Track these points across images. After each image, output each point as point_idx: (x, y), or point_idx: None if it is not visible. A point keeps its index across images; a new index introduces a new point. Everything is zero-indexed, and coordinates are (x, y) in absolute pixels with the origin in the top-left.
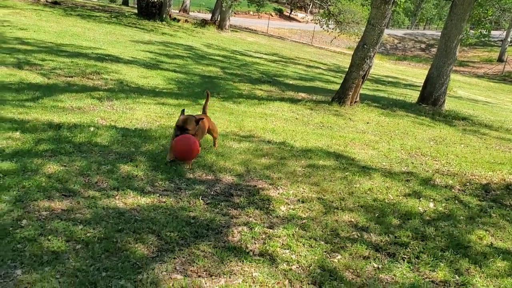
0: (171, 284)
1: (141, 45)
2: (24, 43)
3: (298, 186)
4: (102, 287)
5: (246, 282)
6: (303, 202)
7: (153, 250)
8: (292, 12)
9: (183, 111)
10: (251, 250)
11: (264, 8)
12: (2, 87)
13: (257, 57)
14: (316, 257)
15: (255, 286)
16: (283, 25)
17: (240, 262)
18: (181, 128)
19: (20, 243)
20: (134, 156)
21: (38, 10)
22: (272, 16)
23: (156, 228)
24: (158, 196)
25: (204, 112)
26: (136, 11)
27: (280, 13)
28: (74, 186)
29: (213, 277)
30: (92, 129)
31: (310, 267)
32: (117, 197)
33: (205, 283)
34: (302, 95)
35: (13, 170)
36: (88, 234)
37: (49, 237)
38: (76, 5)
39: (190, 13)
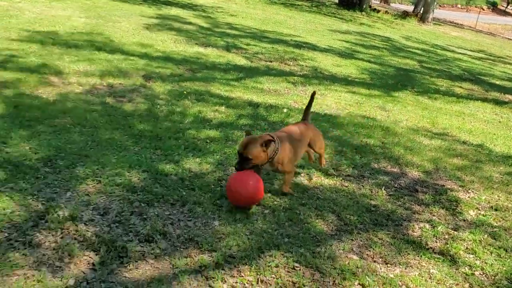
0: (346, 262)
1: (338, 34)
2: (233, 28)
3: (492, 193)
4: (284, 251)
5: (422, 277)
6: (496, 210)
7: (332, 228)
8: (508, 6)
9: (248, 132)
10: (431, 247)
11: (474, 1)
12: (213, 67)
13: (460, 53)
14: (504, 268)
15: (432, 282)
16: (496, 20)
17: (417, 256)
18: (240, 155)
19: (219, 199)
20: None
21: None
22: (483, 10)
23: (337, 209)
24: (341, 180)
25: (304, 118)
26: (336, 1)
27: (493, 6)
28: None
29: (388, 265)
30: (285, 110)
31: (496, 277)
32: (302, 175)
33: (380, 269)
34: (510, 97)
35: (218, 138)
36: (275, 203)
37: None
38: None
39: (391, 4)
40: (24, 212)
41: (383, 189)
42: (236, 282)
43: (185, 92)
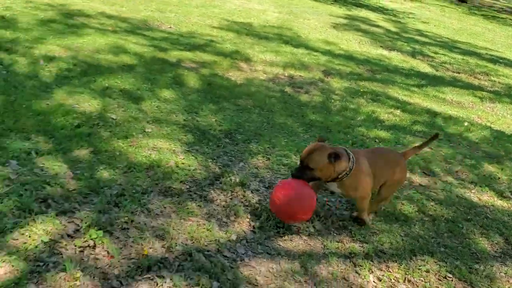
0: (506, 286)
1: None
2: (422, 35)
3: None
4: (437, 259)
5: None
6: None
7: (496, 249)
8: None
9: (321, 138)
10: None
11: None
12: (394, 70)
13: None
14: None
15: None
16: None
17: None
18: (301, 162)
19: None
20: (501, 159)
21: (443, 6)
22: None
23: (506, 232)
24: None
25: (406, 153)
26: None
27: None
28: (435, 168)
29: None
30: (466, 124)
31: None
32: (473, 191)
33: None
34: None
35: (388, 139)
36: (437, 212)
37: (403, 202)
38: (483, 5)
39: None
40: (204, 171)
41: None
42: (383, 275)
43: (361, 90)
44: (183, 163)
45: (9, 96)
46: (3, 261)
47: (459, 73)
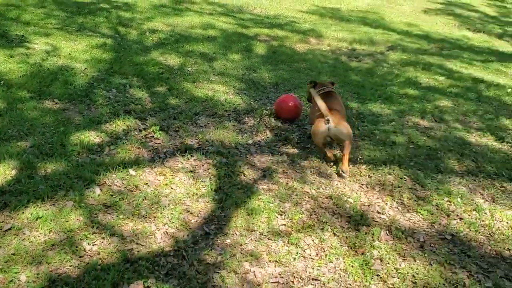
0: (452, 188)
1: None
2: None
3: None
4: (404, 168)
5: None
6: None
7: (463, 169)
8: None
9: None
10: None
11: None
12: (467, 48)
13: None
14: None
15: None
16: None
17: None
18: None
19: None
20: None
21: None
22: None
23: (481, 160)
24: None
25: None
26: None
27: None
28: (447, 117)
29: None
30: (509, 90)
31: None
32: (473, 135)
33: None
34: None
35: (413, 95)
36: (426, 143)
37: (398, 134)
38: None
39: None
40: (245, 106)
41: None
42: (350, 169)
43: (416, 61)
44: (231, 99)
45: (119, 53)
46: (97, 135)
47: None
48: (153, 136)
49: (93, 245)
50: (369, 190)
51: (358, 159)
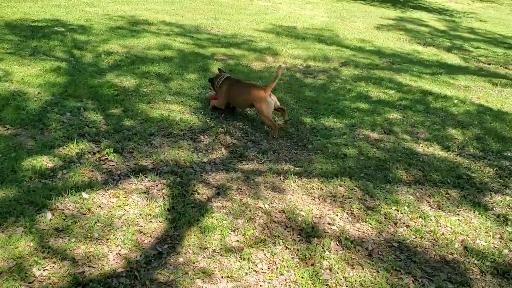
0: (400, 197)
1: None
2: (472, 33)
3: None
4: (354, 180)
5: None
6: None
7: (410, 178)
8: None
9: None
10: None
11: None
12: (417, 62)
13: None
14: None
15: None
16: None
17: None
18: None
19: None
20: (469, 126)
21: None
22: None
23: (428, 169)
24: None
25: (268, 87)
26: None
27: None
28: (396, 129)
29: None
30: (455, 101)
31: None
32: (421, 145)
33: None
34: None
35: (366, 109)
36: (375, 154)
37: (349, 147)
38: None
39: None
40: (201, 125)
41: None
42: (302, 184)
43: (367, 76)
44: (186, 118)
45: (73, 76)
46: (50, 160)
47: (489, 64)
48: (107, 159)
49: (44, 270)
50: (321, 202)
51: (311, 172)
